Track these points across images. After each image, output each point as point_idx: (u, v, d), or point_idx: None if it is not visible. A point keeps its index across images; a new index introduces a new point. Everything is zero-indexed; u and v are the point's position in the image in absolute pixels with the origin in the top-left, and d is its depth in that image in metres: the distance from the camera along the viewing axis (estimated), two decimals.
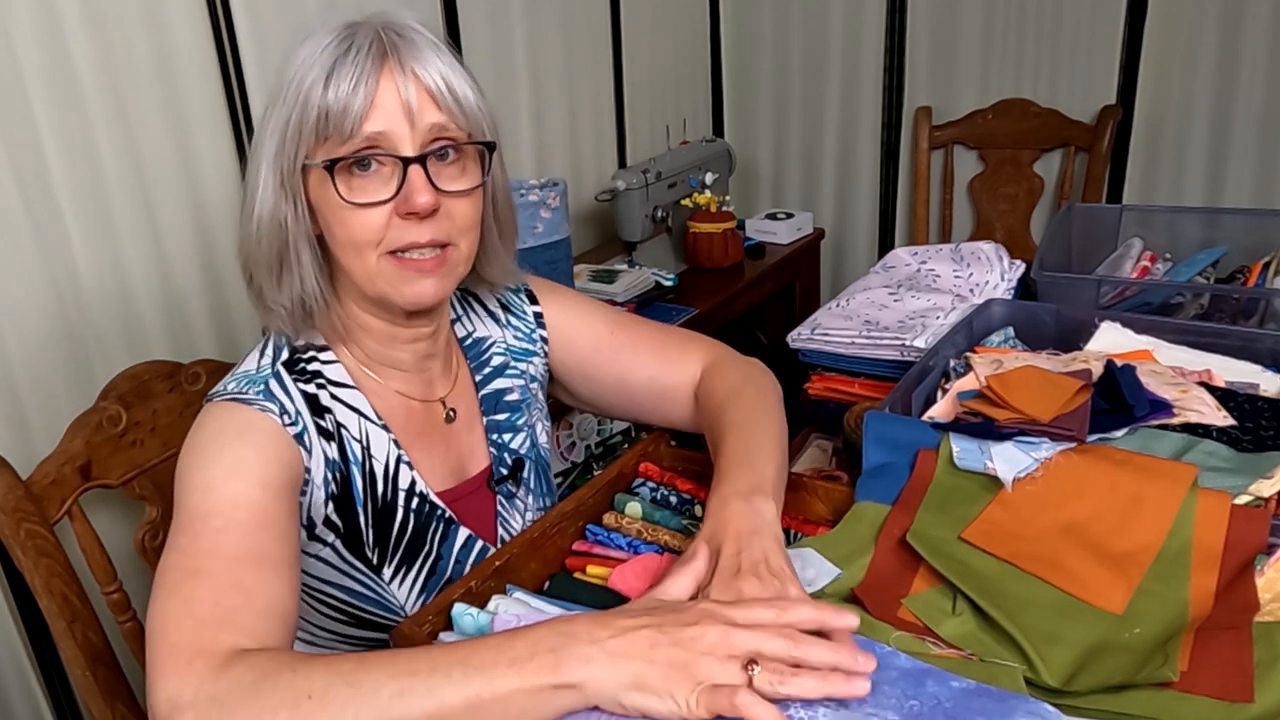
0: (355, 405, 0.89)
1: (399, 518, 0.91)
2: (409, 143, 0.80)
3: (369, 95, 0.78)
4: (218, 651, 0.65)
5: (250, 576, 0.71)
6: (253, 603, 0.70)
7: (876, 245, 2.78)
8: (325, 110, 0.78)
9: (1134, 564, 0.75)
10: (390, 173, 0.80)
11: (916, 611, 0.77)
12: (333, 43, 0.79)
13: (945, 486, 0.86)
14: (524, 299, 1.06)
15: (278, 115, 0.80)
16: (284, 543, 0.76)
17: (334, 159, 0.79)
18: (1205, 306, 1.24)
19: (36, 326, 1.39)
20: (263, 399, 0.83)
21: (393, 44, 0.79)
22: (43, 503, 1.05)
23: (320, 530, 0.87)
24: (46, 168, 1.38)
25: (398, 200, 0.80)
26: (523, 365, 1.04)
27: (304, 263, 0.84)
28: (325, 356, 0.90)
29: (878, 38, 2.59)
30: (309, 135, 0.79)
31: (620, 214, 2.19)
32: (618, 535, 0.89)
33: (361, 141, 0.79)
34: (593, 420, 2.03)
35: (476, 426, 0.99)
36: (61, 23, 1.38)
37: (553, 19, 2.25)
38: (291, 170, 0.81)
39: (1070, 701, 0.67)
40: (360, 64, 0.78)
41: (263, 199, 0.82)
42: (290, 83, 0.79)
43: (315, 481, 0.85)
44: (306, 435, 0.84)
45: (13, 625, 1.42)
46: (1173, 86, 2.28)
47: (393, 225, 0.81)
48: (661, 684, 0.60)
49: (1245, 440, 0.88)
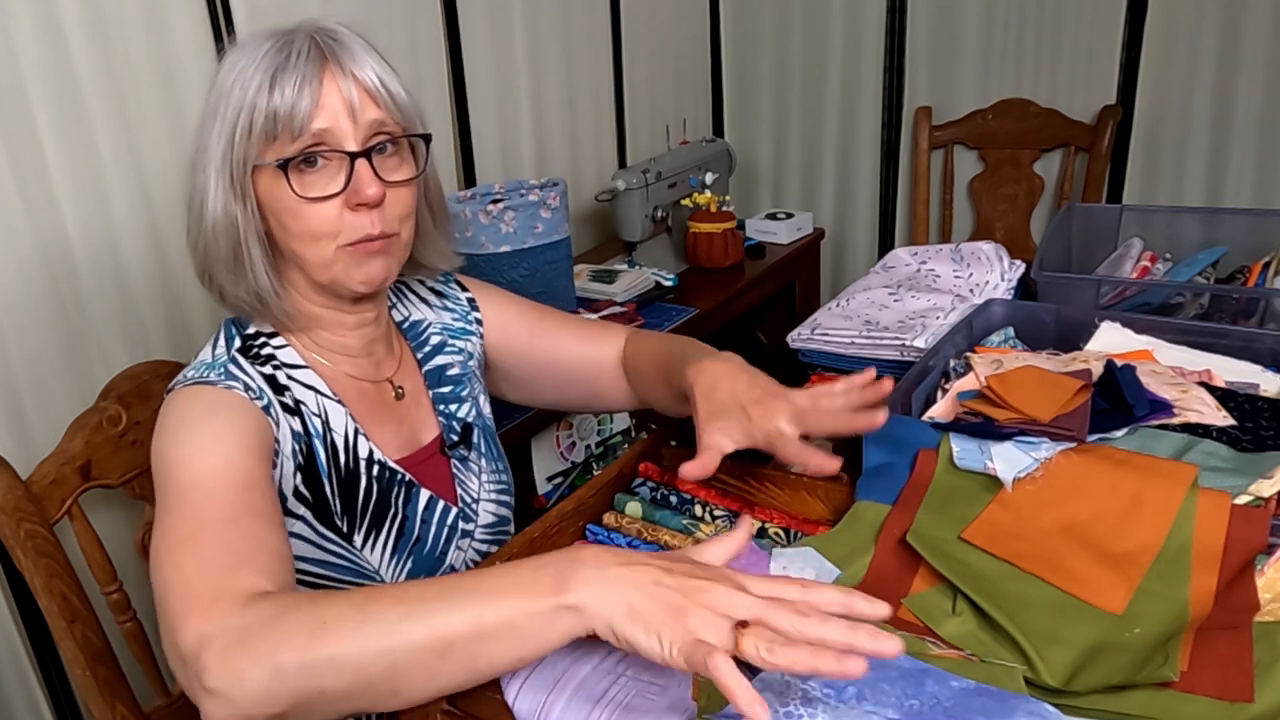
0: (310, 383, 0.94)
1: (363, 484, 0.95)
2: (352, 139, 0.85)
3: (314, 96, 0.83)
4: (240, 590, 0.68)
5: (250, 527, 0.75)
6: (264, 550, 0.73)
7: (876, 245, 2.78)
8: (273, 112, 0.83)
9: (1134, 564, 0.75)
10: (337, 168, 0.86)
11: (916, 611, 0.77)
12: (270, 50, 0.84)
13: (945, 486, 0.86)
14: (455, 287, 1.14)
15: (221, 121, 0.85)
16: (270, 499, 0.80)
17: (286, 158, 0.84)
18: (1205, 306, 1.24)
19: (36, 326, 1.39)
20: (226, 379, 0.87)
21: (329, 47, 0.85)
22: (43, 503, 1.05)
23: (292, 504, 0.90)
24: (46, 167, 1.38)
25: (347, 193, 0.86)
26: (460, 343, 1.11)
27: (255, 258, 0.89)
28: (276, 342, 0.95)
29: (878, 38, 2.59)
30: (258, 137, 0.84)
31: (620, 214, 2.19)
32: (618, 535, 0.89)
33: (309, 139, 0.84)
34: (592, 420, 2.03)
35: (424, 400, 1.05)
36: (61, 23, 1.38)
37: (553, 19, 2.25)
38: (242, 172, 0.85)
39: (1070, 701, 0.67)
40: (302, 68, 0.83)
41: (214, 201, 0.87)
42: (230, 91, 0.84)
43: (284, 453, 0.89)
44: (272, 409, 0.89)
45: (13, 625, 1.42)
46: (1173, 86, 2.28)
47: (344, 218, 0.87)
48: (653, 620, 0.59)
49: (1245, 440, 0.88)
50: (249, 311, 0.94)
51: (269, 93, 0.83)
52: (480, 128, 2.12)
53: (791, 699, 0.65)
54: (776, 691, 0.65)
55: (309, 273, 0.90)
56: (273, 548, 0.75)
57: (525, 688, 0.70)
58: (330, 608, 0.65)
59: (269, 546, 0.74)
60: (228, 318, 0.97)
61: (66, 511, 1.08)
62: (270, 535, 0.76)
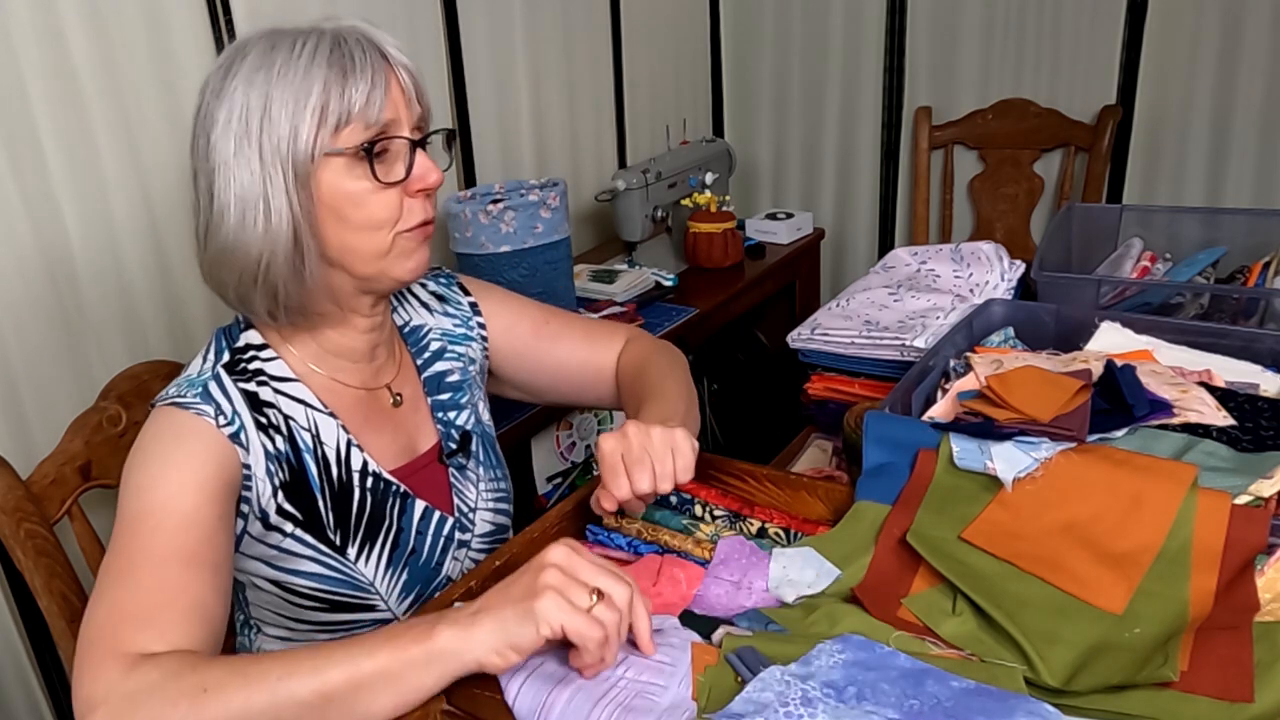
0: (300, 397, 0.93)
1: (356, 497, 0.95)
2: (408, 128, 0.88)
3: (384, 86, 0.85)
4: (130, 653, 0.71)
5: (176, 577, 0.77)
6: (176, 604, 0.75)
7: (876, 245, 2.78)
8: (349, 103, 0.84)
9: (1134, 564, 0.75)
10: (394, 157, 0.88)
11: (916, 611, 0.77)
12: (314, 48, 0.84)
13: (945, 486, 0.86)
14: (457, 291, 1.13)
15: (271, 120, 0.83)
16: (213, 545, 0.80)
17: (367, 142, 0.85)
18: (1205, 306, 1.24)
19: (37, 327, 1.39)
20: (200, 402, 0.87)
21: (381, 43, 0.87)
22: (43, 503, 1.05)
23: (276, 520, 0.90)
24: (46, 167, 1.38)
25: (410, 180, 0.88)
26: (460, 349, 1.10)
27: (311, 253, 0.87)
28: (266, 354, 0.94)
29: (878, 38, 2.59)
30: (329, 125, 0.84)
31: (620, 214, 2.19)
32: (618, 535, 0.89)
33: (379, 128, 0.86)
34: (593, 420, 2.03)
35: (422, 406, 1.04)
36: (61, 23, 1.38)
37: (553, 19, 2.25)
38: (308, 161, 0.84)
39: (1070, 701, 0.68)
40: (370, 60, 0.85)
41: (273, 198, 0.84)
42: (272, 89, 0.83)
43: (257, 475, 0.88)
44: (244, 433, 0.88)
45: (13, 625, 1.42)
46: (1173, 86, 2.28)
47: (404, 205, 0.89)
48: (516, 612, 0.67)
49: (1245, 440, 0.88)
50: (258, 306, 0.89)
51: (341, 86, 0.83)
52: (480, 128, 2.12)
53: (791, 699, 0.65)
54: (776, 692, 0.65)
55: (355, 266, 0.89)
56: (189, 604, 0.76)
57: (525, 688, 0.70)
58: (211, 672, 0.69)
59: (185, 603, 0.76)
60: (220, 328, 0.96)
61: (66, 511, 1.08)
62: (195, 589, 0.77)
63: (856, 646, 0.71)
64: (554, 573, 0.68)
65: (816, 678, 0.67)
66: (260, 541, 0.90)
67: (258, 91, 0.83)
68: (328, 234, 0.88)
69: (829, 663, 0.69)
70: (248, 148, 0.84)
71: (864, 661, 0.69)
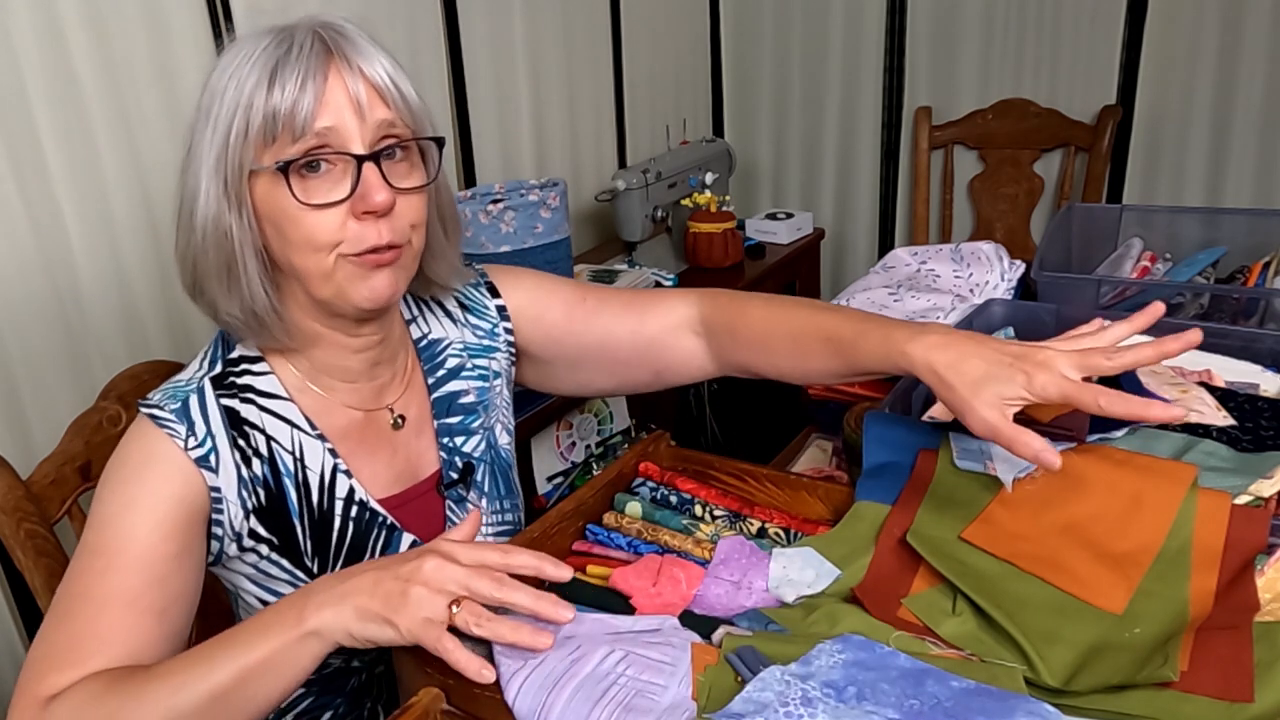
0: (287, 416, 0.88)
1: (337, 526, 0.90)
2: (359, 140, 0.78)
3: (317, 92, 0.76)
4: (42, 697, 0.73)
5: (114, 622, 0.77)
6: (107, 650, 0.76)
7: (876, 245, 2.79)
8: (273, 111, 0.76)
9: (1134, 564, 0.75)
10: (342, 172, 0.79)
11: (916, 611, 0.77)
12: (269, 45, 0.78)
13: (945, 486, 0.86)
14: (485, 293, 1.04)
15: (214, 122, 0.78)
16: (163, 588, 0.80)
17: (287, 160, 0.77)
18: (1205, 306, 1.24)
19: (36, 326, 1.39)
20: (173, 420, 0.83)
21: (334, 42, 0.78)
22: (43, 503, 1.05)
23: (248, 543, 0.87)
24: (46, 167, 1.38)
25: (354, 199, 0.79)
26: (482, 362, 1.02)
27: (250, 273, 0.82)
28: (259, 369, 0.89)
29: (878, 38, 2.59)
30: (255, 139, 0.77)
31: (620, 214, 2.19)
32: (618, 535, 0.89)
33: (312, 139, 0.77)
34: (593, 420, 2.03)
35: (427, 430, 0.98)
36: (61, 23, 1.38)
37: (553, 19, 2.25)
38: (237, 177, 0.79)
39: (1070, 701, 0.67)
40: (305, 62, 0.76)
41: (205, 208, 0.80)
42: (224, 90, 0.78)
43: (228, 498, 0.85)
44: (214, 455, 0.84)
45: (13, 625, 1.42)
46: (1173, 86, 2.28)
47: (349, 227, 0.79)
48: (379, 612, 0.68)
49: (1245, 440, 0.88)
50: (242, 330, 0.86)
51: (267, 90, 0.76)
52: (480, 128, 2.12)
53: (791, 699, 0.65)
54: (776, 692, 0.65)
55: (309, 287, 0.82)
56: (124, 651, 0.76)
57: (525, 688, 0.70)
58: (110, 701, 0.71)
59: (118, 650, 0.76)
60: (221, 331, 0.91)
61: (66, 511, 1.08)
62: (133, 634, 0.77)
63: (856, 646, 0.71)
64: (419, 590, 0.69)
65: (816, 678, 0.67)
66: (239, 559, 0.88)
67: (209, 98, 0.79)
68: (276, 252, 0.82)
69: (829, 663, 0.69)
70: (197, 152, 0.80)
71: (864, 661, 0.69)
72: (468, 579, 0.69)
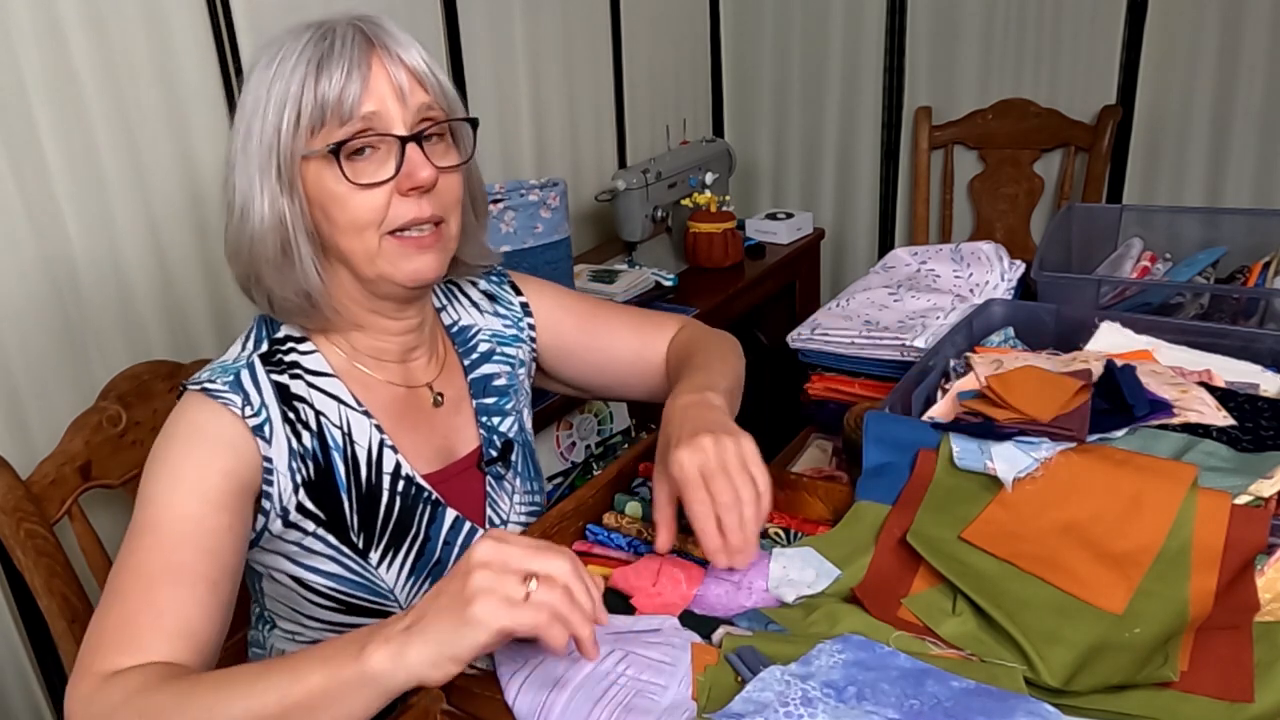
0: (335, 393, 0.92)
1: (384, 501, 0.92)
2: (401, 123, 0.84)
3: (363, 79, 0.82)
4: (102, 673, 0.72)
5: (167, 596, 0.76)
6: (160, 623, 0.75)
7: (876, 245, 2.78)
8: (321, 99, 0.82)
9: (1134, 564, 0.75)
10: (386, 154, 0.84)
11: (916, 611, 0.77)
12: (311, 40, 0.83)
13: (945, 486, 0.86)
14: (509, 290, 1.10)
15: (263, 118, 0.83)
16: (213, 559, 0.79)
17: (337, 142, 0.82)
18: (1205, 306, 1.24)
19: (36, 326, 1.39)
20: (228, 390, 0.85)
21: (375, 33, 0.84)
22: (43, 503, 1.05)
23: (295, 518, 0.89)
24: (46, 167, 1.38)
25: (399, 178, 0.84)
26: (510, 351, 1.07)
27: (304, 255, 0.86)
28: (304, 348, 0.92)
29: (878, 38, 2.59)
30: (305, 127, 0.82)
31: (620, 214, 2.19)
32: (618, 535, 0.89)
33: (359, 123, 0.82)
34: (593, 420, 2.03)
35: (465, 409, 1.02)
36: (61, 23, 1.38)
37: (553, 19, 2.25)
38: (289, 164, 0.83)
39: (1070, 701, 0.68)
40: (349, 53, 0.82)
41: (260, 199, 0.84)
42: (269, 84, 0.83)
43: (279, 470, 0.87)
44: (269, 426, 0.86)
45: (13, 625, 1.42)
46: (1173, 86, 2.28)
47: (393, 205, 0.85)
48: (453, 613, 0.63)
49: (1245, 440, 0.88)
50: (295, 313, 0.90)
51: (315, 80, 0.81)
52: (480, 128, 2.11)
53: (791, 699, 0.65)
54: (776, 691, 0.65)
55: (355, 268, 0.87)
56: (176, 624, 0.75)
57: (525, 687, 0.70)
58: (158, 698, 0.69)
59: (170, 623, 0.75)
60: (261, 315, 0.94)
61: (66, 511, 1.08)
62: (185, 607, 0.76)
63: (856, 646, 0.71)
64: (482, 574, 0.63)
65: (816, 677, 0.67)
66: (280, 538, 0.89)
67: (259, 92, 0.84)
68: (323, 234, 0.87)
69: (829, 663, 0.69)
70: (247, 148, 0.84)
71: (864, 661, 0.69)
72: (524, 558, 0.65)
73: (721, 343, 1.07)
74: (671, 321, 1.13)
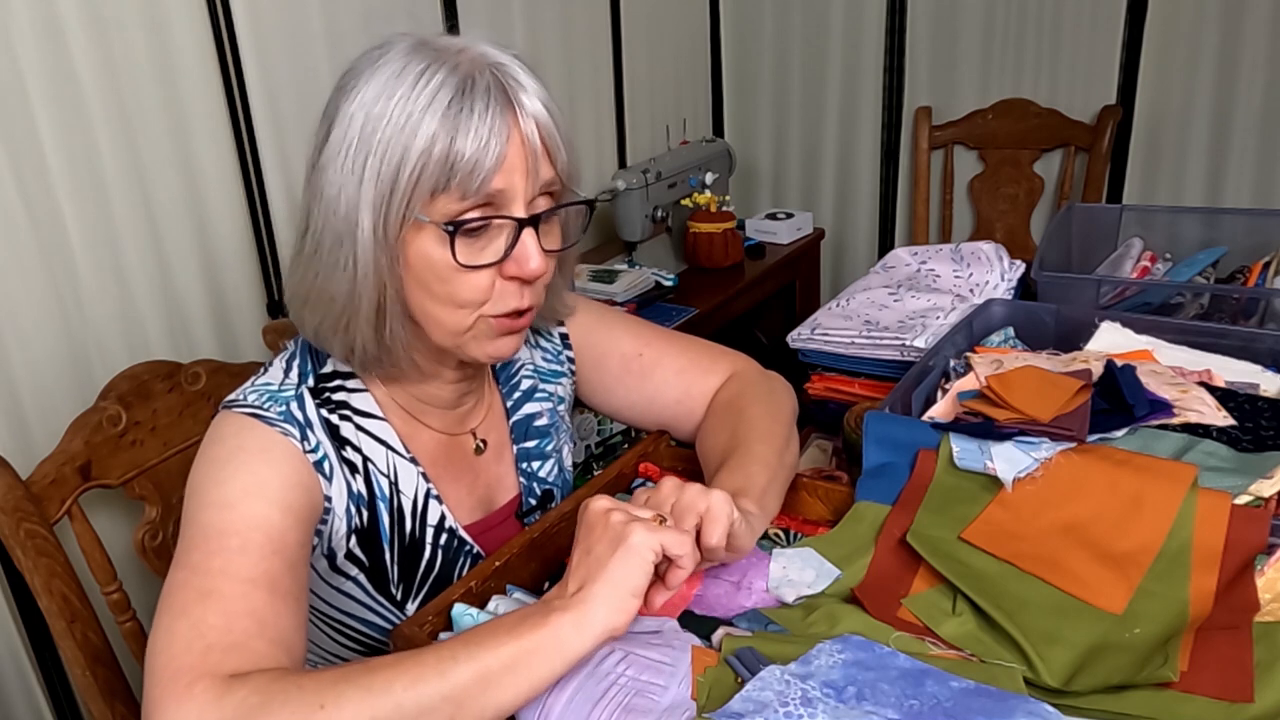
0: (383, 437, 0.87)
1: (426, 555, 0.89)
2: (522, 200, 0.77)
3: (500, 155, 0.74)
4: (220, 675, 0.63)
5: (264, 603, 0.69)
6: (265, 632, 0.68)
7: (876, 245, 2.78)
8: (451, 164, 0.73)
9: (1134, 564, 0.75)
10: (498, 232, 0.77)
11: (916, 611, 0.77)
12: (442, 79, 0.74)
13: (945, 486, 0.86)
14: None
15: (377, 159, 0.74)
16: (295, 574, 0.74)
17: (456, 221, 0.75)
18: (1205, 306, 1.24)
19: (36, 327, 1.39)
20: (283, 420, 0.80)
21: (514, 91, 0.75)
22: (43, 503, 1.05)
23: (342, 563, 0.85)
24: (46, 168, 1.38)
25: (507, 263, 0.78)
26: (551, 387, 1.03)
27: (395, 314, 0.80)
28: (352, 385, 0.87)
29: (878, 38, 2.59)
30: (427, 186, 0.74)
31: (620, 214, 2.19)
32: None
33: (481, 199, 0.75)
34: (593, 420, 2.03)
35: (506, 455, 0.98)
36: (61, 23, 1.38)
37: (553, 19, 2.25)
38: (398, 222, 0.75)
39: (1070, 701, 0.67)
40: (490, 118, 0.73)
41: (362, 249, 0.76)
42: (389, 120, 0.73)
43: (336, 512, 0.83)
44: (327, 463, 0.81)
45: (13, 625, 1.42)
46: (1173, 86, 2.28)
47: (496, 287, 0.79)
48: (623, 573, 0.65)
49: (1245, 440, 0.88)
50: (373, 365, 0.83)
51: (450, 137, 0.72)
52: None
53: (791, 699, 0.65)
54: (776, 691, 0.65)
55: (431, 334, 0.81)
56: (276, 634, 0.69)
57: None
58: (323, 689, 0.61)
59: (272, 633, 0.69)
60: (303, 339, 0.87)
61: (66, 511, 1.08)
62: (281, 618, 0.70)
63: (856, 646, 0.71)
64: (617, 513, 0.68)
65: (816, 678, 0.67)
66: (322, 579, 0.86)
67: (371, 126, 0.74)
68: (412, 297, 0.80)
69: (829, 663, 0.69)
70: (349, 188, 0.75)
71: (864, 661, 0.69)
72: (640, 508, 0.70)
73: (769, 403, 0.98)
74: (723, 364, 1.03)
